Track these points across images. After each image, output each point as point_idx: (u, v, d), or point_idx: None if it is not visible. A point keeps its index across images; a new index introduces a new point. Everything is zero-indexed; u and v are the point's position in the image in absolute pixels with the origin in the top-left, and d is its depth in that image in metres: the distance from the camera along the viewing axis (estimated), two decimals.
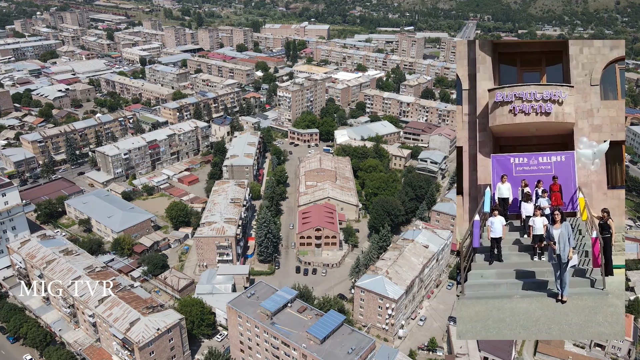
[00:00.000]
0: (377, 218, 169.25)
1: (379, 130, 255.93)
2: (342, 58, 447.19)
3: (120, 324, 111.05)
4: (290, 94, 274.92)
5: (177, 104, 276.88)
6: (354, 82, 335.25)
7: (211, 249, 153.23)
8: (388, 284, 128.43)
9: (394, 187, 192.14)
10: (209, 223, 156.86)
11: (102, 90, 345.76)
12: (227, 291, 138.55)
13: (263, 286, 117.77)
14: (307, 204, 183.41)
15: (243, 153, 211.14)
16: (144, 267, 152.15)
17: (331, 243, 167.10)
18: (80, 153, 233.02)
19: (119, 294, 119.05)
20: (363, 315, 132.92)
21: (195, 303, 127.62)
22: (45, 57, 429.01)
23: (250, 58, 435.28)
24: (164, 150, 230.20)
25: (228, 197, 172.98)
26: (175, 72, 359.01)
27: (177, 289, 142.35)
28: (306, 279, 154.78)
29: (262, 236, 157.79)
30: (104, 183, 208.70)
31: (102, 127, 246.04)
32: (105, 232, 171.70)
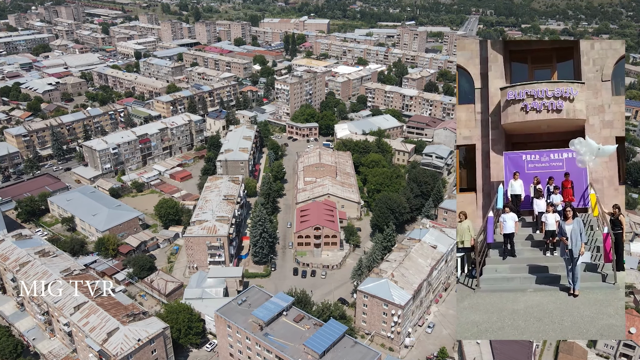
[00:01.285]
0: (381, 216, 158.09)
1: (381, 124, 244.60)
2: (342, 52, 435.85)
3: (97, 334, 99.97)
4: (288, 87, 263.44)
5: (171, 97, 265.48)
6: (355, 76, 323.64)
7: (202, 250, 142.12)
8: (393, 288, 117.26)
9: (397, 183, 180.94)
10: (199, 222, 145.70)
11: (95, 84, 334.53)
12: (218, 296, 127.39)
13: (256, 292, 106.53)
14: (306, 201, 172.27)
15: (238, 147, 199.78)
16: (129, 269, 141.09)
17: (331, 243, 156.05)
18: (68, 148, 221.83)
19: (97, 300, 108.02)
20: (366, 322, 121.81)
21: (182, 309, 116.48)
22: (37, 51, 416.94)
23: (248, 52, 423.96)
24: (156, 145, 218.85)
25: (221, 193, 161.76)
26: (170, 65, 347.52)
27: (164, 293, 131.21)
28: (304, 282, 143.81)
29: (257, 235, 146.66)
30: (91, 179, 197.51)
31: (91, 120, 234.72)
32: (89, 231, 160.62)
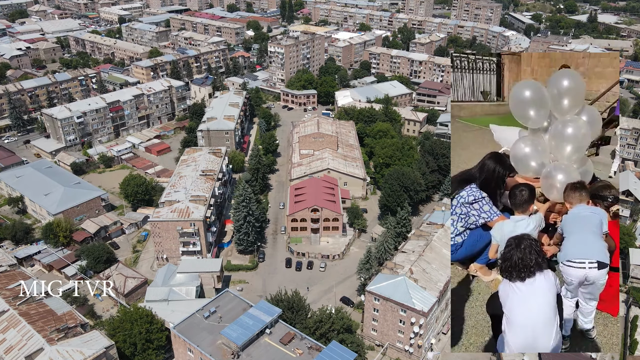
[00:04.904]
0: (392, 195, 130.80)
1: (388, 91, 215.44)
2: (343, 18, 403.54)
3: (15, 356, 73.47)
4: (283, 49, 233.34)
5: (151, 62, 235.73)
6: (358, 40, 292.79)
7: (172, 237, 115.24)
8: (413, 288, 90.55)
9: (410, 156, 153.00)
10: (169, 202, 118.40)
11: (72, 51, 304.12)
12: (189, 296, 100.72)
13: (230, 299, 79.48)
14: (302, 177, 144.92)
15: (223, 115, 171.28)
16: (82, 262, 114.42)
17: (332, 227, 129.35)
18: (30, 118, 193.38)
19: (21, 309, 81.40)
20: (377, 330, 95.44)
21: (140, 316, 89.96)
22: (14, 16, 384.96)
23: (241, 18, 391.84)
24: (130, 114, 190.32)
25: (198, 168, 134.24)
26: (155, 30, 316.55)
27: (122, 293, 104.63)
28: (299, 276, 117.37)
29: (241, 219, 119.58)
30: (53, 153, 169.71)
31: (58, 87, 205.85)
32: (40, 213, 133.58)
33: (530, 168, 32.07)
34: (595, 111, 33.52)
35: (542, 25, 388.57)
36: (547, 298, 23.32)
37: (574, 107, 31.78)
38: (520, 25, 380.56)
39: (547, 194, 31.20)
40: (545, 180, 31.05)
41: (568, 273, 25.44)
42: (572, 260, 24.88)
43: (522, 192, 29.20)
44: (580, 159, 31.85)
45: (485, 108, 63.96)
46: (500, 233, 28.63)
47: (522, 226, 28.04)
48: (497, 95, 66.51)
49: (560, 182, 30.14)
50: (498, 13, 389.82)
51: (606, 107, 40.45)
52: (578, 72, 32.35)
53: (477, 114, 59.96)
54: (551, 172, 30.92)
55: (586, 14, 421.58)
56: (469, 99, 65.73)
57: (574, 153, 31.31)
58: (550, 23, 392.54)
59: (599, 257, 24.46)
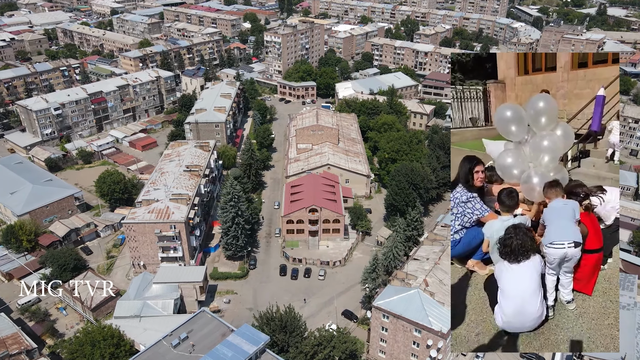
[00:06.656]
0: (400, 193, 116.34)
1: (393, 83, 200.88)
2: (344, 11, 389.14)
3: None
4: (280, 39, 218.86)
5: (140, 53, 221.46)
6: (359, 31, 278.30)
7: (150, 241, 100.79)
8: (429, 304, 76.14)
9: (419, 151, 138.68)
10: (147, 202, 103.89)
11: (60, 43, 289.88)
12: (166, 311, 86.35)
13: (206, 321, 64.95)
14: (299, 173, 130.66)
15: (213, 107, 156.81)
16: (46, 270, 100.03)
17: (332, 230, 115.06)
18: (6, 111, 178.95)
19: None
20: (386, 353, 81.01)
21: (104, 336, 75.67)
22: (2, 9, 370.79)
23: (238, 11, 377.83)
24: (114, 106, 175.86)
25: (183, 163, 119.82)
26: (147, 21, 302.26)
27: (88, 306, 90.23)
28: (295, 285, 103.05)
29: (229, 221, 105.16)
30: (27, 147, 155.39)
31: (38, 77, 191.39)
32: (5, 214, 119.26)
33: (514, 175, 36.17)
34: (568, 127, 37.90)
35: (550, 18, 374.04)
36: (533, 275, 29.49)
37: (550, 124, 36.67)
38: (527, 18, 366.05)
39: (527, 196, 35.28)
40: (524, 184, 35.20)
41: (551, 253, 30.37)
42: (553, 242, 30.12)
43: (509, 195, 33.15)
44: (555, 167, 36.18)
45: (474, 133, 67.72)
46: (490, 230, 32.70)
47: (509, 224, 31.87)
48: (485, 120, 70.50)
49: (537, 185, 34.18)
50: (504, 6, 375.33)
51: (583, 123, 45.45)
52: (552, 96, 38.41)
53: (467, 139, 64.52)
54: (528, 177, 35.18)
55: (594, 7, 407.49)
56: (458, 126, 70.09)
57: (550, 162, 35.84)
58: (559, 16, 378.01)
59: (575, 238, 29.93)
